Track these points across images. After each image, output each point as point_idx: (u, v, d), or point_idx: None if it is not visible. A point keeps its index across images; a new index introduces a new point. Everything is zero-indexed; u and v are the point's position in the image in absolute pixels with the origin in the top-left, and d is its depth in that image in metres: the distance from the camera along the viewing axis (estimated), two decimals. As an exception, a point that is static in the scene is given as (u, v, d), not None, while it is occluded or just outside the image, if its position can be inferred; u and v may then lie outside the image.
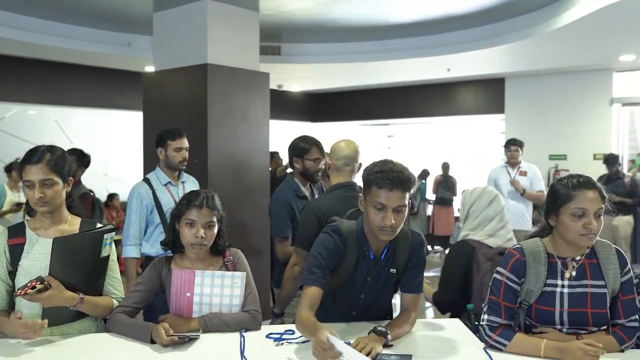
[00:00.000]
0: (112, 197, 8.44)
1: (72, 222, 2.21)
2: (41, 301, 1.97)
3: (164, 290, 2.26)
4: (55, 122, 8.67)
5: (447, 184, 9.77)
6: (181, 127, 3.74)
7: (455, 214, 9.42)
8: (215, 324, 2.16)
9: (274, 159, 7.05)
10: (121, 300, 2.25)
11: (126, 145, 8.90)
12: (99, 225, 2.24)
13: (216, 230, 2.25)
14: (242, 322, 2.19)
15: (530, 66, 9.06)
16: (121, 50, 7.47)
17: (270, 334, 2.15)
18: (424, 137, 12.37)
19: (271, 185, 5.45)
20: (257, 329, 2.21)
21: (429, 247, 9.53)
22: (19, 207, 6.08)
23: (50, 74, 8.44)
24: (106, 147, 8.88)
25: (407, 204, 2.08)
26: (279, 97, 10.62)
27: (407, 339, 2.15)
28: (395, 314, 2.34)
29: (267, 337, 2.13)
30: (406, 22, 7.00)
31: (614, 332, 2.00)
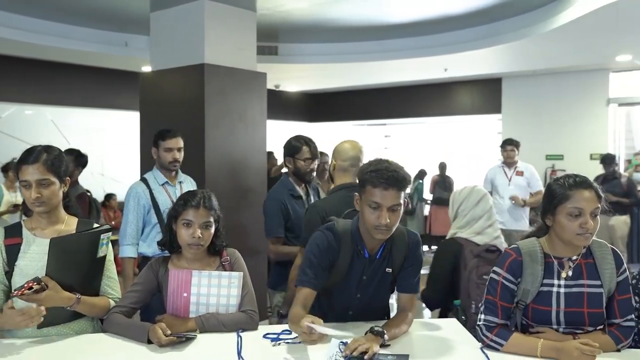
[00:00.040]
0: (109, 197, 8.44)
1: (69, 222, 2.21)
2: (38, 302, 1.96)
3: (161, 290, 2.26)
4: (52, 122, 8.66)
5: (444, 184, 9.78)
6: (177, 127, 3.70)
7: (453, 214, 9.43)
8: (212, 324, 2.16)
9: (269, 158, 7.04)
10: (118, 300, 2.24)
11: (123, 145, 8.88)
12: (96, 225, 2.23)
13: (213, 230, 2.25)
14: (239, 322, 2.19)
15: (527, 66, 9.07)
16: (118, 50, 7.47)
17: (267, 334, 2.15)
18: (421, 137, 12.39)
19: (265, 185, 5.46)
20: (254, 329, 2.21)
21: (426, 247, 9.54)
22: (17, 208, 6.06)
23: (47, 73, 8.43)
24: (103, 147, 8.88)
25: (403, 203, 2.09)
26: (276, 97, 10.62)
27: (404, 338, 2.15)
28: (393, 314, 2.34)
29: (264, 337, 2.13)
30: (403, 22, 7.01)
31: (610, 331, 2.01)
